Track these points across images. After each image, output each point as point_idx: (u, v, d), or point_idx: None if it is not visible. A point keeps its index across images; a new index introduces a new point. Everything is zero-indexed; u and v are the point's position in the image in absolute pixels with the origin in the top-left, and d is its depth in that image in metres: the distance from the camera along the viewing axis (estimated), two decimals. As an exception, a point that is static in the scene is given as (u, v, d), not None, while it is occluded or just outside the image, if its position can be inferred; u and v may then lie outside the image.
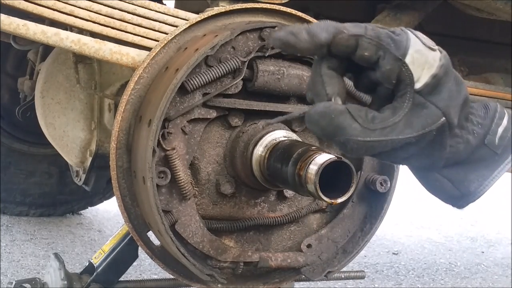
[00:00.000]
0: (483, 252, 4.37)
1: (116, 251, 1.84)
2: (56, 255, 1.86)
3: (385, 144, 0.91)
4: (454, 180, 1.01)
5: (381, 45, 0.91)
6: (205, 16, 1.52)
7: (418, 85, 0.92)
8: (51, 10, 1.53)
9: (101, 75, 2.35)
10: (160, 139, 1.35)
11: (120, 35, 1.60)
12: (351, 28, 0.91)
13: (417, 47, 0.93)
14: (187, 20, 1.57)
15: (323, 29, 0.90)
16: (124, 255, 1.85)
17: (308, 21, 1.59)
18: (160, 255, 1.54)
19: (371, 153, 0.93)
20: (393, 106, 0.93)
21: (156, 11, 1.64)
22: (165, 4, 1.72)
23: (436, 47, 0.96)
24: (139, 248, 1.61)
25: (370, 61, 0.92)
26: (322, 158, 1.22)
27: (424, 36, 0.96)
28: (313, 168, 1.21)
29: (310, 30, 0.90)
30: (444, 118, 0.92)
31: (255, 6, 1.57)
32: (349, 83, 1.52)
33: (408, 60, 0.91)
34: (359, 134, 0.90)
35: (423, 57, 0.93)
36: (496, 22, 2.25)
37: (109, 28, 1.59)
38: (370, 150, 0.92)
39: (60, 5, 1.54)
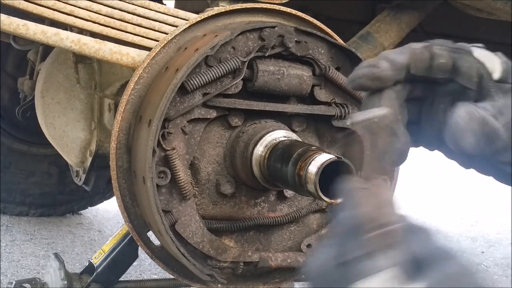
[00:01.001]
0: (483, 252, 4.37)
1: (116, 251, 1.84)
2: (56, 255, 1.86)
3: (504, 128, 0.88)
4: None
5: (452, 47, 0.91)
6: (205, 16, 1.52)
7: (496, 75, 0.91)
8: (51, 10, 1.53)
9: (101, 75, 2.35)
10: (160, 139, 1.35)
11: (120, 35, 1.60)
12: (418, 44, 0.91)
13: (474, 46, 0.93)
14: (187, 20, 1.57)
15: (397, 53, 0.90)
16: (124, 255, 1.85)
17: (307, 21, 1.59)
18: (160, 255, 1.54)
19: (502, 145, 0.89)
20: (476, 98, 0.91)
21: (156, 11, 1.64)
22: (165, 4, 1.72)
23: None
24: (139, 248, 1.61)
25: (447, 67, 0.91)
26: (322, 158, 1.22)
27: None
28: (313, 168, 1.21)
29: (388, 57, 0.90)
30: None
31: (255, 6, 1.57)
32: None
33: (476, 54, 0.91)
34: (495, 121, 0.87)
35: (484, 51, 0.92)
36: (496, 22, 2.25)
37: (109, 28, 1.59)
38: (510, 134, 0.89)
39: (60, 5, 1.54)
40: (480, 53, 0.91)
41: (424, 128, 0.96)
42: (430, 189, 6.72)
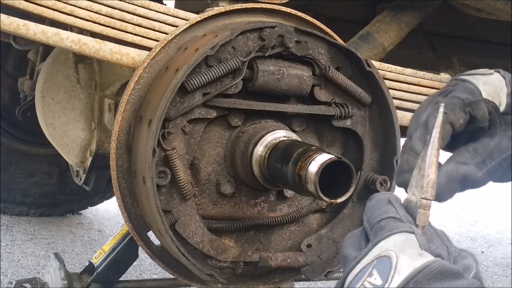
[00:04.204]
0: (483, 252, 4.37)
1: (116, 251, 1.84)
2: (56, 255, 1.86)
3: (499, 165, 0.98)
4: None
5: (463, 104, 0.97)
6: (205, 16, 1.52)
7: (502, 108, 0.99)
8: (51, 10, 1.53)
9: (101, 75, 2.35)
10: (160, 139, 1.35)
11: (120, 35, 1.60)
12: (438, 121, 0.94)
13: (481, 80, 0.99)
14: (187, 20, 1.57)
15: (421, 139, 0.95)
16: (124, 255, 1.85)
17: (307, 21, 1.59)
18: (160, 255, 1.54)
19: (492, 179, 1.00)
20: (488, 133, 1.00)
21: (156, 11, 1.64)
22: (165, 4, 1.72)
23: (491, 70, 1.02)
24: (139, 248, 1.61)
25: (467, 122, 0.98)
26: (322, 158, 1.22)
27: (474, 70, 1.02)
28: (313, 168, 1.21)
29: (415, 150, 0.95)
30: None
31: (255, 6, 1.57)
32: (349, 82, 1.52)
33: (485, 95, 0.98)
34: (477, 172, 0.97)
35: (491, 85, 0.99)
36: (496, 22, 2.25)
37: (109, 28, 1.59)
38: (491, 177, 0.99)
39: (60, 5, 1.54)
40: (489, 90, 0.98)
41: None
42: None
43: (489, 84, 0.99)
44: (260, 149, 1.43)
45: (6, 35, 2.53)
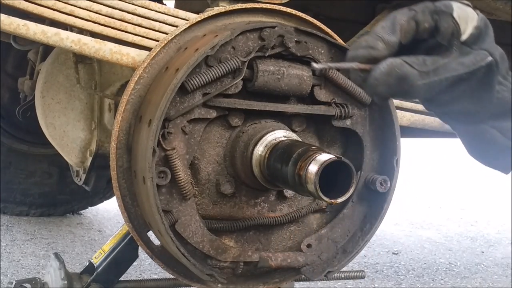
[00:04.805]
0: (483, 252, 4.37)
1: (116, 251, 1.84)
2: (56, 255, 1.86)
3: (440, 82, 1.01)
4: (504, 129, 1.09)
5: (434, 10, 1.03)
6: (205, 16, 1.52)
7: (464, 36, 1.04)
8: (51, 10, 1.54)
9: (101, 75, 2.35)
10: (160, 139, 1.35)
11: (120, 35, 1.60)
12: (404, 15, 1.03)
13: (458, 5, 1.04)
14: (187, 20, 1.58)
15: (389, 32, 1.02)
16: (124, 255, 1.85)
17: (307, 21, 1.59)
18: (160, 255, 1.54)
19: (429, 95, 1.04)
20: (442, 53, 1.04)
21: (156, 11, 1.64)
22: (165, 4, 1.72)
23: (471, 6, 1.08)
24: (139, 248, 1.61)
25: (431, 29, 1.03)
26: (322, 158, 1.22)
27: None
28: (313, 168, 1.21)
29: (383, 39, 1.01)
30: (490, 57, 1.04)
31: (255, 6, 1.57)
32: (349, 82, 1.52)
33: (455, 15, 1.03)
34: (418, 79, 1.00)
35: (464, 12, 1.04)
36: (496, 22, 2.25)
37: (109, 28, 1.59)
38: (428, 91, 1.02)
39: (60, 5, 1.54)
40: (460, 13, 1.03)
41: None
42: (431, 189, 6.72)
43: (463, 10, 1.04)
44: (260, 149, 1.43)
45: (6, 35, 2.53)
